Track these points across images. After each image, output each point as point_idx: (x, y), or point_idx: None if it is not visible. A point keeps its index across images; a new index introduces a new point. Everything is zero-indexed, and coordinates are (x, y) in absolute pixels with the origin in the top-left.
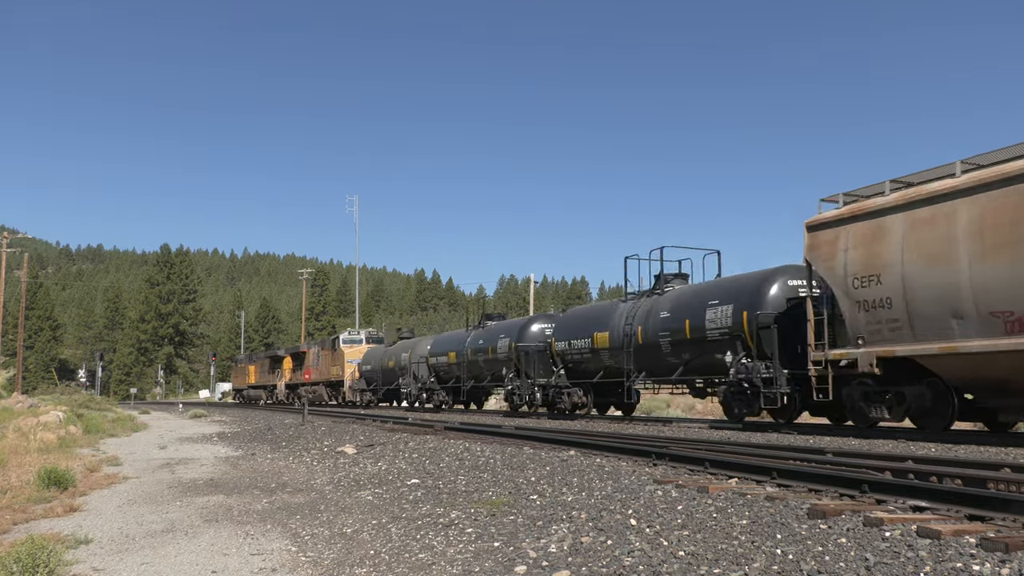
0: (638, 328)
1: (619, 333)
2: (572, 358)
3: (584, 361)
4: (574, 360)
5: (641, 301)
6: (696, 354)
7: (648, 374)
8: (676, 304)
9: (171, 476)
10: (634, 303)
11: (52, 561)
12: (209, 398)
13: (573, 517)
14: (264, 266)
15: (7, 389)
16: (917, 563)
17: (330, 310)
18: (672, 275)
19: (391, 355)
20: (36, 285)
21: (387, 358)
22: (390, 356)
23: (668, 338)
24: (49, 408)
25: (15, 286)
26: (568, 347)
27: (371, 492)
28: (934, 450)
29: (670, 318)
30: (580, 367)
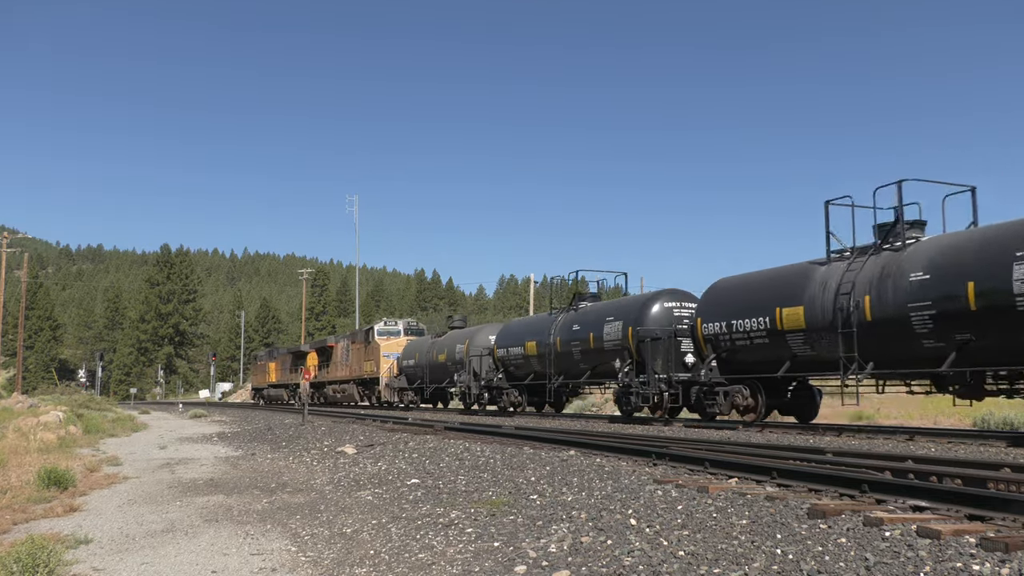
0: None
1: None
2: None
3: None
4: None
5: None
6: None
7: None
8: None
9: (171, 476)
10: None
11: (52, 561)
12: (209, 398)
13: (573, 517)
14: (264, 266)
15: (7, 389)
16: (917, 563)
17: (330, 310)
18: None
19: (441, 347)
20: (36, 285)
21: (435, 351)
22: (440, 349)
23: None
24: (49, 408)
25: (15, 286)
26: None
27: (371, 492)
28: (934, 450)
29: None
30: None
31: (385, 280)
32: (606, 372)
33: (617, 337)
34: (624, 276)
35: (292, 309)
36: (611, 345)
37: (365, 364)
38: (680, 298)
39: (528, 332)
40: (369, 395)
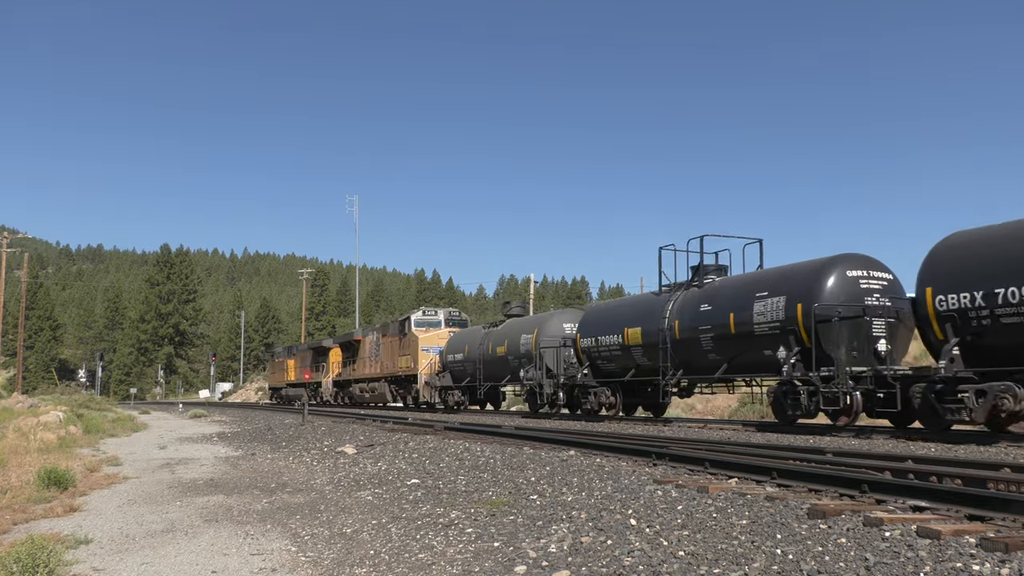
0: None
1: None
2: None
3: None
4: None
5: (677, 294)
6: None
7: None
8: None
9: (171, 476)
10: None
11: (52, 561)
12: (209, 398)
13: (573, 517)
14: (264, 266)
15: (7, 389)
16: (917, 563)
17: (330, 310)
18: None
19: (500, 339)
20: (36, 285)
21: (491, 343)
22: (498, 340)
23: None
24: (49, 408)
25: (15, 286)
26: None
27: (371, 492)
28: (934, 450)
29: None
30: None
31: (385, 280)
32: (751, 364)
33: (776, 317)
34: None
35: (292, 309)
36: (766, 328)
37: (400, 359)
38: (867, 265)
39: (627, 317)
40: (404, 395)
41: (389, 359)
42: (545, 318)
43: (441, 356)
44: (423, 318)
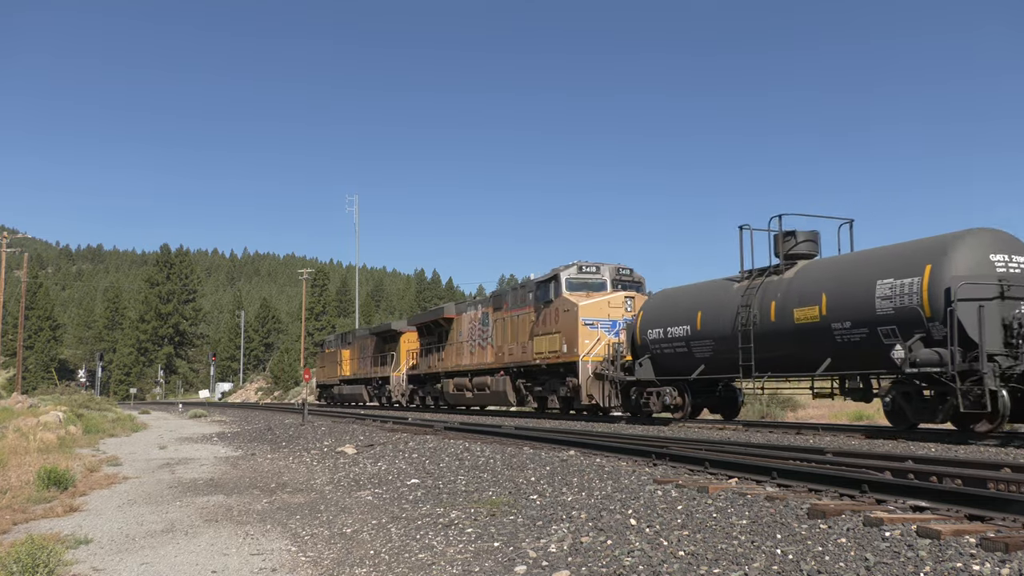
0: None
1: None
2: None
3: None
4: None
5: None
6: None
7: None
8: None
9: (171, 476)
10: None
11: (52, 561)
12: (209, 398)
13: (573, 517)
14: (264, 266)
15: (7, 389)
16: (917, 563)
17: (330, 310)
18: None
19: (800, 291)
20: (36, 285)
21: (773, 302)
22: (793, 294)
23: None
24: (49, 408)
25: (15, 286)
26: None
27: (371, 492)
28: (934, 450)
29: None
30: None
31: (385, 280)
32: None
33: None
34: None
35: (292, 309)
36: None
37: (538, 341)
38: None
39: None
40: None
41: (512, 340)
42: (948, 242)
43: (630, 333)
44: (579, 277)
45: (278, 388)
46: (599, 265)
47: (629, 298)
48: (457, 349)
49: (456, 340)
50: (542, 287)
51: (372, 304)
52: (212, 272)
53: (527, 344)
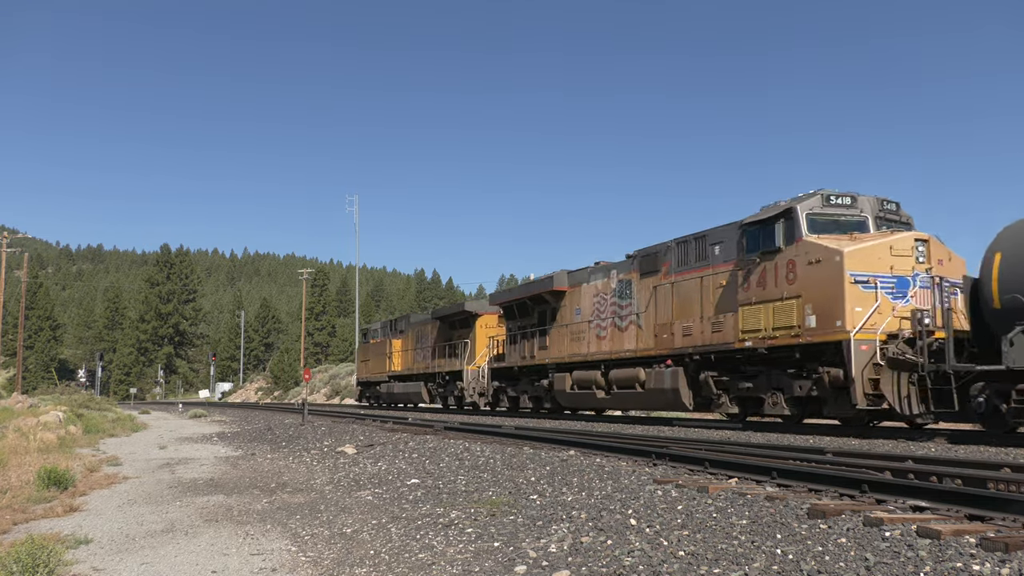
0: None
1: None
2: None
3: None
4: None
5: None
6: None
7: None
8: None
9: (171, 476)
10: None
11: (52, 561)
12: (209, 398)
13: (573, 517)
14: (264, 266)
15: (7, 389)
16: (917, 563)
17: (330, 310)
18: None
19: None
20: (36, 285)
21: None
22: None
23: None
24: (49, 408)
25: (15, 286)
26: None
27: (371, 492)
28: (934, 450)
29: None
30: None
31: (385, 280)
32: None
33: None
34: None
35: (292, 309)
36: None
37: (750, 312)
38: None
39: None
40: (762, 390)
41: (686, 315)
42: None
43: (975, 292)
44: (825, 213)
45: (278, 388)
46: (854, 196)
47: (921, 242)
48: (573, 332)
49: (570, 320)
50: (754, 231)
51: (372, 304)
52: (212, 272)
53: (722, 319)
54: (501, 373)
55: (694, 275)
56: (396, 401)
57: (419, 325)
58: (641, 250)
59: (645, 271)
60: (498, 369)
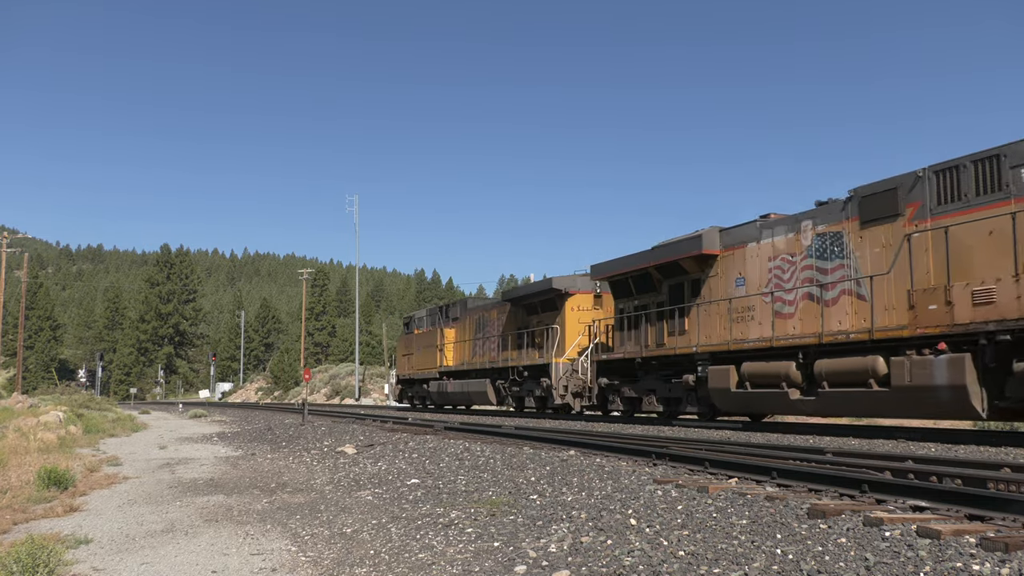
0: None
1: None
2: None
3: None
4: None
5: None
6: None
7: None
8: None
9: (171, 476)
10: None
11: (52, 561)
12: (209, 398)
13: (573, 517)
14: (264, 266)
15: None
16: (917, 563)
17: (330, 310)
18: None
19: None
20: (36, 285)
21: None
22: None
23: None
24: (49, 408)
25: (15, 286)
26: None
27: (371, 492)
28: (934, 450)
29: None
30: None
31: (385, 280)
32: None
33: None
34: None
35: (292, 309)
36: None
37: None
38: None
39: None
40: None
41: (969, 273)
42: None
43: None
44: None
45: (278, 388)
46: None
47: None
48: (735, 310)
49: (726, 293)
50: None
51: (372, 304)
52: (212, 272)
53: None
54: (611, 367)
55: (985, 214)
56: (450, 402)
57: (480, 311)
58: (860, 189)
59: (870, 217)
60: (608, 362)
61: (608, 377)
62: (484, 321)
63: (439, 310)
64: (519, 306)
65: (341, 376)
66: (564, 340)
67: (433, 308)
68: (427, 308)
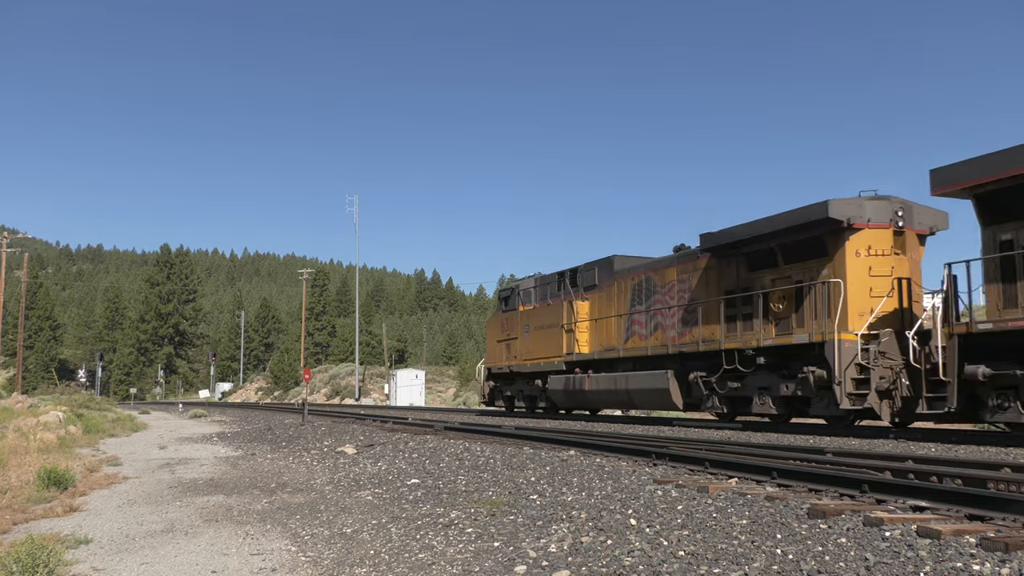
0: None
1: None
2: None
3: None
4: None
5: None
6: None
7: None
8: None
9: (171, 476)
10: None
11: (52, 561)
12: (209, 398)
13: (573, 517)
14: (264, 266)
15: (7, 389)
16: (917, 563)
17: (330, 310)
18: None
19: None
20: (36, 285)
21: None
22: None
23: None
24: (49, 408)
25: (15, 286)
26: None
27: (371, 492)
28: (934, 450)
29: None
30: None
31: (385, 280)
32: None
33: None
34: None
35: (292, 309)
36: None
37: None
38: None
39: None
40: None
41: None
42: None
43: None
44: None
45: (278, 388)
46: None
47: None
48: None
49: None
50: None
51: (372, 304)
52: (212, 272)
53: None
54: (986, 344)
55: None
56: (588, 405)
57: (640, 272)
58: None
59: None
60: (983, 337)
61: (988, 364)
62: (648, 286)
63: (561, 277)
64: (733, 257)
65: (341, 376)
66: (845, 303)
67: (549, 275)
68: (536, 275)
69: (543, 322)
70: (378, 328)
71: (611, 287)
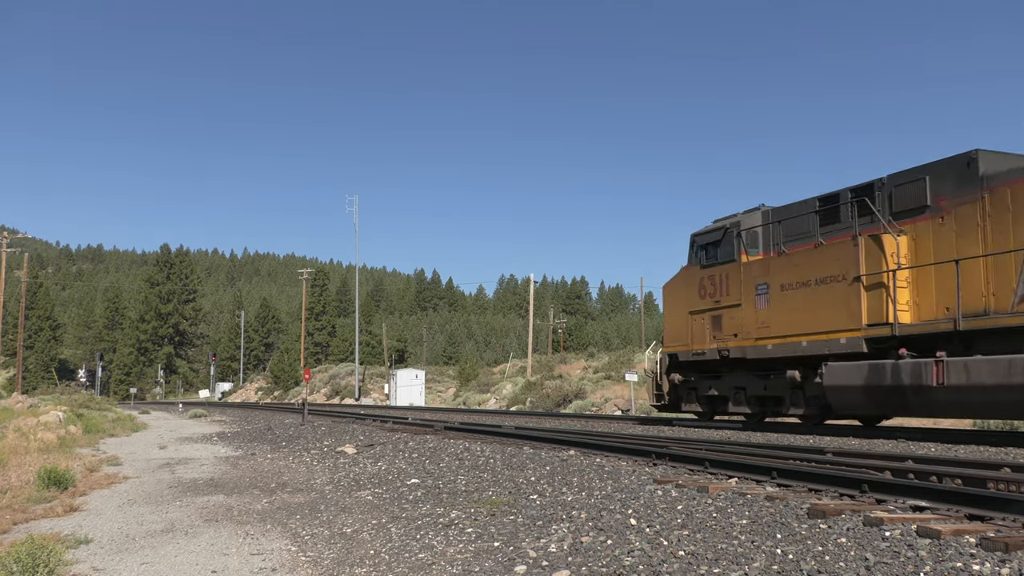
0: None
1: None
2: None
3: None
4: None
5: None
6: None
7: None
8: None
9: (171, 476)
10: None
11: (52, 561)
12: (209, 398)
13: (573, 517)
14: (264, 266)
15: (7, 389)
16: (917, 563)
17: (330, 310)
18: None
19: None
20: (36, 285)
21: None
22: None
23: None
24: (49, 408)
25: (15, 286)
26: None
27: (371, 492)
28: (934, 450)
29: None
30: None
31: (385, 280)
32: None
33: None
34: None
35: (292, 309)
36: None
37: None
38: None
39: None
40: None
41: None
42: None
43: None
44: None
45: (278, 388)
46: None
47: None
48: None
49: None
50: None
51: (372, 304)
52: (212, 272)
53: None
54: None
55: None
56: (929, 411)
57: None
58: None
59: None
60: None
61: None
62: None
63: (845, 199)
64: None
65: (341, 376)
66: None
67: (808, 200)
68: (763, 207)
69: (805, 275)
70: (378, 328)
71: (970, 206)
